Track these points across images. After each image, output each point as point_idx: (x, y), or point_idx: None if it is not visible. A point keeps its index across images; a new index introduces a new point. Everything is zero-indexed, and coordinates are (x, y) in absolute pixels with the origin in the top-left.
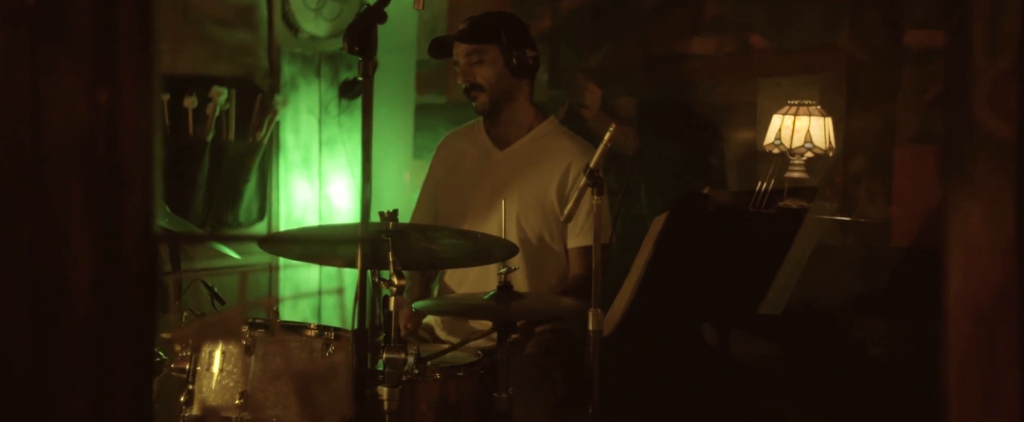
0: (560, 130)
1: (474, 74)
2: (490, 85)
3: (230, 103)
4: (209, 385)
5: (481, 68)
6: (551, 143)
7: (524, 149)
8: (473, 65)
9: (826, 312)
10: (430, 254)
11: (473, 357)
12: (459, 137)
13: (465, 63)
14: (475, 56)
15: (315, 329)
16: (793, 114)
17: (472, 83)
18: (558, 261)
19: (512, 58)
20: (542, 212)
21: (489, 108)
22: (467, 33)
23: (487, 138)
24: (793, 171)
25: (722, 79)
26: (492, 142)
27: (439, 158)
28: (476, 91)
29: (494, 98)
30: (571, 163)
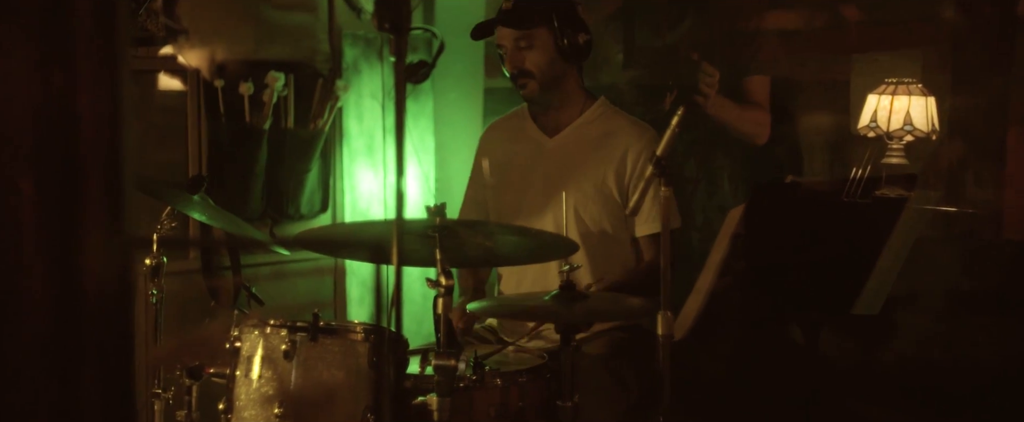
0: (613, 111)
1: (523, 59)
2: (540, 71)
3: (288, 89)
4: (247, 392)
5: (531, 53)
6: (604, 126)
7: (576, 135)
8: (521, 50)
9: (928, 311)
10: (485, 251)
11: (538, 360)
12: (503, 127)
13: (512, 48)
14: (524, 40)
15: (360, 332)
16: (891, 93)
17: (520, 69)
18: (623, 250)
19: (564, 41)
20: (602, 200)
21: (539, 95)
22: (513, 17)
23: (534, 126)
24: (891, 156)
25: (812, 56)
26: (540, 130)
27: (484, 151)
28: (525, 78)
29: (545, 85)
30: (629, 146)
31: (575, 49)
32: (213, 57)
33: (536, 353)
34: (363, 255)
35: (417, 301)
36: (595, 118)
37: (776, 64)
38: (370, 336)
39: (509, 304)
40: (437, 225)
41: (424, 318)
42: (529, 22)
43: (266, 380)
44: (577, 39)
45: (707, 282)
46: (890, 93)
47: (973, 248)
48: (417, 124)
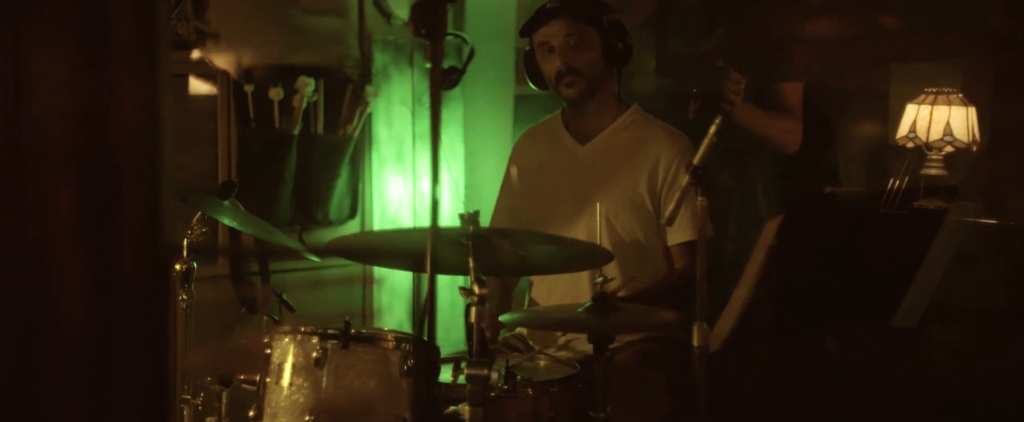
0: (645, 118)
1: (574, 56)
2: (590, 69)
3: (318, 94)
4: (278, 399)
5: (582, 51)
6: (636, 133)
7: (608, 143)
8: (573, 47)
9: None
10: (519, 260)
11: (570, 369)
12: (535, 135)
13: (563, 43)
14: (575, 37)
15: (393, 340)
16: (931, 103)
17: (570, 67)
18: (655, 259)
19: (609, 45)
20: (633, 209)
21: (585, 96)
22: (569, 8)
23: (566, 134)
24: (930, 167)
25: (849, 64)
26: (572, 137)
27: (516, 159)
28: (574, 76)
29: (592, 85)
30: (661, 154)
31: (618, 53)
32: (243, 62)
33: (567, 362)
34: (397, 263)
35: (445, 308)
36: (628, 125)
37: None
38: (401, 344)
39: (542, 314)
40: (471, 233)
41: (451, 325)
42: (585, 17)
43: (297, 388)
44: (621, 44)
45: (743, 294)
46: (930, 103)
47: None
48: (447, 130)
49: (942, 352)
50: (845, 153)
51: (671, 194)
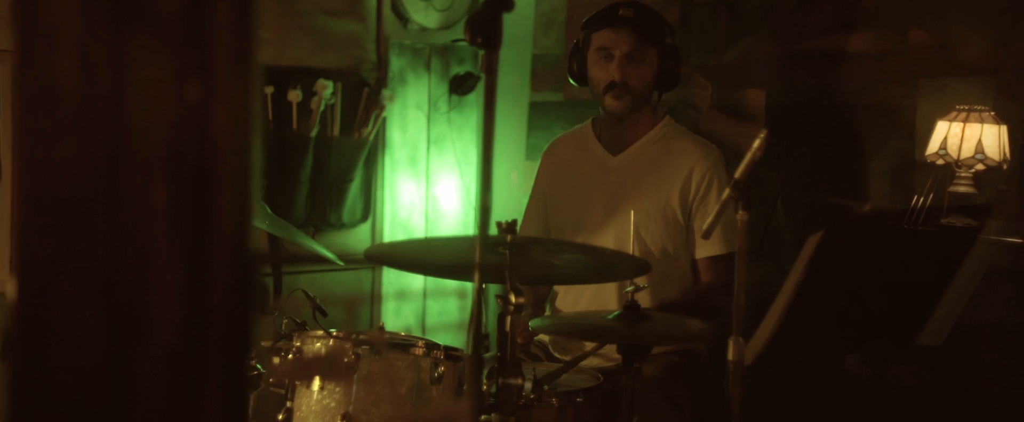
0: (678, 130)
1: (631, 72)
2: (642, 88)
3: (335, 97)
4: (309, 404)
5: (640, 68)
6: (669, 145)
7: (640, 154)
8: (633, 62)
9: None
10: (550, 269)
11: (593, 380)
12: (567, 143)
13: (624, 56)
14: (639, 52)
15: (423, 347)
16: (962, 121)
17: (625, 81)
18: (682, 272)
19: (665, 67)
20: (664, 221)
21: (627, 112)
22: (641, 22)
23: (598, 144)
24: (959, 185)
25: (876, 80)
26: (604, 147)
27: (547, 166)
28: (623, 90)
29: (637, 103)
30: (694, 166)
31: (670, 79)
32: (262, 63)
33: (591, 373)
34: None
35: (453, 313)
36: (660, 137)
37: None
38: (432, 352)
39: (573, 323)
40: (508, 242)
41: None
42: (652, 37)
43: (328, 392)
44: (676, 69)
45: (780, 307)
46: (962, 120)
47: None
48: (461, 136)
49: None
50: (870, 168)
51: (703, 207)
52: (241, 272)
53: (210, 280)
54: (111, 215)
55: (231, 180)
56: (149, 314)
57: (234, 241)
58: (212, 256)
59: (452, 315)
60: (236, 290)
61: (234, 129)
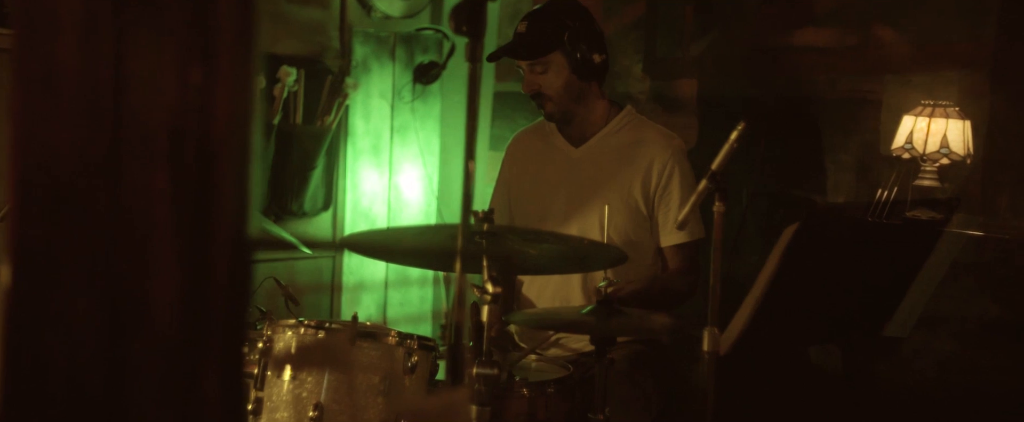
0: (639, 121)
1: (538, 84)
2: (556, 94)
3: (298, 85)
4: (280, 394)
5: (545, 77)
6: (630, 136)
7: (602, 145)
8: (537, 74)
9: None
10: (525, 258)
11: (562, 371)
12: (530, 135)
13: (527, 71)
14: (539, 66)
15: (396, 337)
16: (928, 116)
17: (536, 93)
18: (646, 261)
19: (579, 63)
20: (628, 211)
21: (559, 116)
22: (523, 47)
23: (559, 136)
24: (924, 179)
25: (842, 75)
26: (566, 140)
27: (511, 158)
28: (542, 100)
29: (563, 107)
30: (655, 157)
31: (590, 69)
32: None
33: (559, 363)
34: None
35: (415, 303)
36: (621, 128)
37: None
38: (405, 341)
39: (547, 316)
40: (486, 231)
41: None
42: (541, 50)
43: (300, 382)
44: (592, 59)
45: (754, 299)
46: (927, 115)
47: (1004, 275)
48: (424, 125)
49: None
50: (836, 162)
51: (666, 196)
52: (240, 258)
53: (210, 266)
54: (111, 200)
55: (232, 165)
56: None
57: (234, 227)
58: (213, 242)
59: (413, 305)
60: (235, 276)
61: (236, 114)
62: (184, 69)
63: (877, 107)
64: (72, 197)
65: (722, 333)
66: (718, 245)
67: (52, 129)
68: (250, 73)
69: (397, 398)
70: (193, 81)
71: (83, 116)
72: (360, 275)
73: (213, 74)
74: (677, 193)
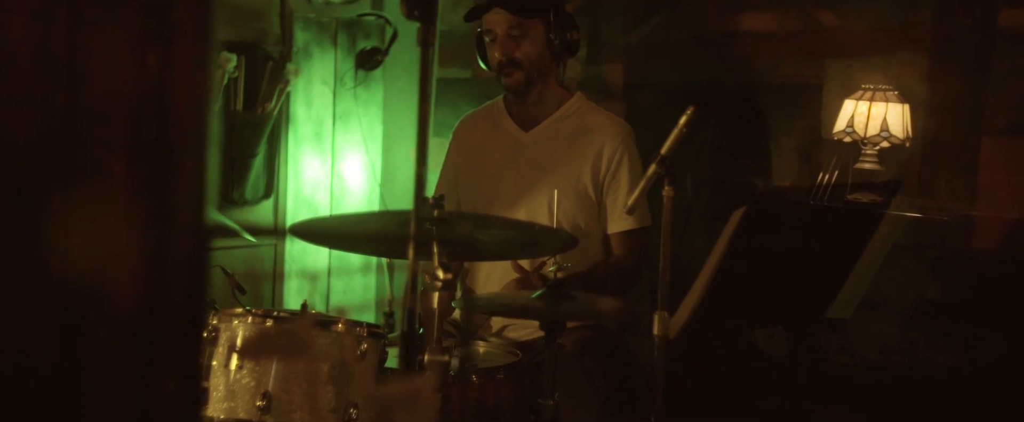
0: (589, 106)
1: (514, 48)
2: (530, 63)
3: (239, 71)
4: (226, 384)
5: (523, 43)
6: (581, 121)
7: (552, 130)
8: (514, 39)
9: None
10: (475, 244)
11: (511, 356)
12: (478, 119)
13: (504, 35)
14: (518, 29)
15: (345, 325)
16: (868, 100)
17: (511, 59)
18: (594, 247)
19: (555, 37)
20: (576, 197)
21: (523, 88)
22: (514, 2)
23: (509, 119)
24: (865, 162)
25: (784, 60)
26: (516, 123)
27: (458, 142)
28: (512, 68)
29: (531, 78)
30: (605, 143)
31: (565, 45)
32: None
33: (507, 349)
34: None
35: (358, 291)
36: (572, 113)
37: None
38: (355, 329)
39: (494, 301)
40: (436, 217)
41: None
42: (529, 11)
43: (247, 371)
44: (568, 36)
45: (703, 283)
46: (867, 99)
47: (942, 256)
48: (367, 112)
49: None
50: (780, 145)
51: (615, 183)
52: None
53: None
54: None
55: (191, 152)
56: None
57: (193, 213)
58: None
59: (357, 294)
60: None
61: (194, 99)
62: (141, 52)
63: (819, 91)
64: (24, 184)
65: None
66: (667, 229)
67: (4, 114)
68: (208, 56)
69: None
70: (150, 65)
71: (36, 101)
72: (302, 263)
73: (170, 57)
74: (626, 180)
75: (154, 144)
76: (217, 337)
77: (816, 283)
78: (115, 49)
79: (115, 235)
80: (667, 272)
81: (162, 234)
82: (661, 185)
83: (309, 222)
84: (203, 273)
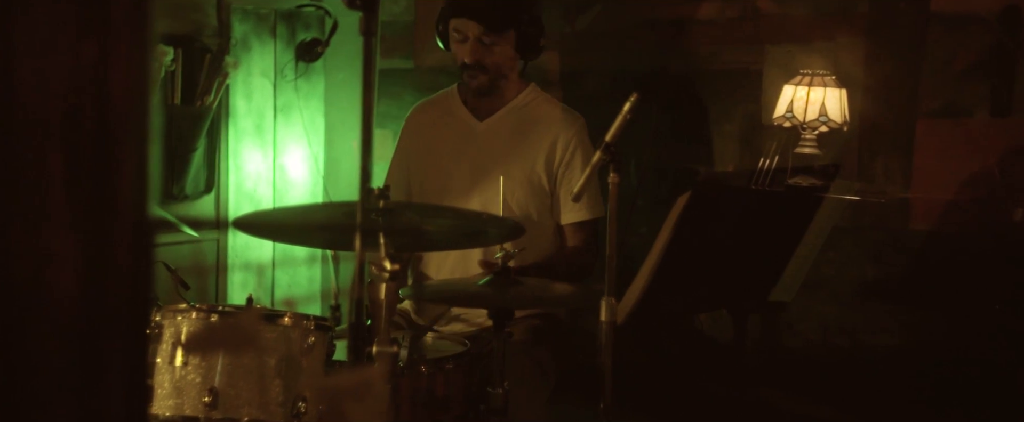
0: (543, 97)
1: (484, 55)
2: (497, 68)
3: (176, 64)
4: (171, 381)
5: (494, 49)
6: (534, 111)
7: (506, 119)
8: (486, 45)
9: (835, 299)
10: (423, 234)
11: (460, 346)
12: (431, 108)
13: (475, 39)
14: (490, 37)
15: (292, 318)
16: (807, 85)
17: (479, 63)
18: (547, 237)
19: (525, 44)
20: (530, 187)
21: (487, 89)
22: (489, 15)
23: (464, 108)
24: (804, 146)
25: (724, 46)
26: (470, 112)
27: (409, 132)
28: (479, 71)
29: (495, 81)
30: (559, 134)
31: (533, 51)
32: None
33: (456, 339)
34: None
35: (302, 283)
36: (526, 103)
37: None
38: (302, 322)
39: (441, 289)
40: (381, 208)
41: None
42: (505, 25)
43: (193, 367)
44: (537, 43)
45: (649, 269)
46: (806, 84)
47: (880, 238)
48: (308, 104)
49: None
50: (721, 131)
51: (569, 174)
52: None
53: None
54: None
55: (131, 144)
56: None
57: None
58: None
59: (302, 286)
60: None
61: (133, 90)
62: (77, 44)
63: (759, 77)
64: None
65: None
66: (613, 215)
67: None
68: (147, 47)
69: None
70: (87, 56)
71: None
72: (246, 256)
73: (108, 49)
74: (580, 170)
75: (93, 138)
76: (161, 334)
77: (759, 266)
78: (50, 42)
79: (53, 231)
80: (614, 258)
81: (103, 229)
82: (607, 172)
83: (254, 215)
84: (147, 269)
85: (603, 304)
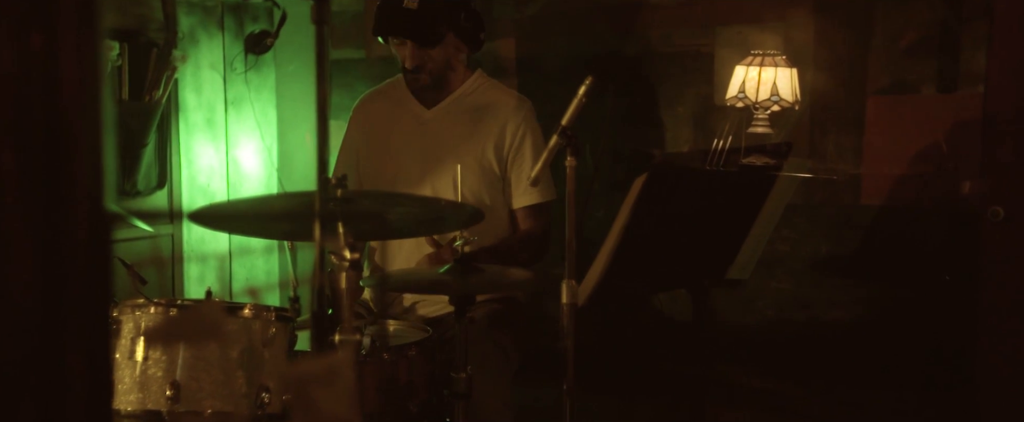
0: (490, 83)
1: (424, 60)
2: (438, 67)
3: (122, 59)
4: (132, 376)
5: (433, 53)
6: (482, 97)
7: (454, 107)
8: (425, 51)
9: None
10: (381, 223)
11: (422, 333)
12: (378, 97)
13: (414, 47)
14: (429, 43)
15: (252, 309)
16: (758, 65)
17: (419, 67)
18: (500, 222)
19: (466, 41)
20: (481, 172)
21: (433, 85)
22: (420, 31)
23: (412, 97)
24: (757, 126)
25: (675, 28)
26: (418, 101)
27: (359, 121)
28: (421, 73)
29: (438, 76)
30: (508, 119)
31: (474, 45)
32: None
33: (418, 326)
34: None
35: (261, 277)
36: (473, 90)
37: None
38: (262, 314)
39: (404, 278)
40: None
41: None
42: (439, 35)
43: (153, 361)
44: (478, 37)
45: (608, 249)
46: (757, 64)
47: (833, 214)
48: (259, 97)
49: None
50: (673, 115)
51: (519, 158)
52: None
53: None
54: None
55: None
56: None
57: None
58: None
59: (259, 278)
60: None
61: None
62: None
63: (710, 59)
64: None
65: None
66: (571, 199)
67: None
68: (97, 38)
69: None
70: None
71: None
72: (202, 249)
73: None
74: (530, 154)
75: (43, 131)
76: (119, 329)
77: (715, 245)
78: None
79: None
80: (573, 241)
81: (58, 223)
82: (563, 156)
83: (209, 207)
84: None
85: (564, 286)
